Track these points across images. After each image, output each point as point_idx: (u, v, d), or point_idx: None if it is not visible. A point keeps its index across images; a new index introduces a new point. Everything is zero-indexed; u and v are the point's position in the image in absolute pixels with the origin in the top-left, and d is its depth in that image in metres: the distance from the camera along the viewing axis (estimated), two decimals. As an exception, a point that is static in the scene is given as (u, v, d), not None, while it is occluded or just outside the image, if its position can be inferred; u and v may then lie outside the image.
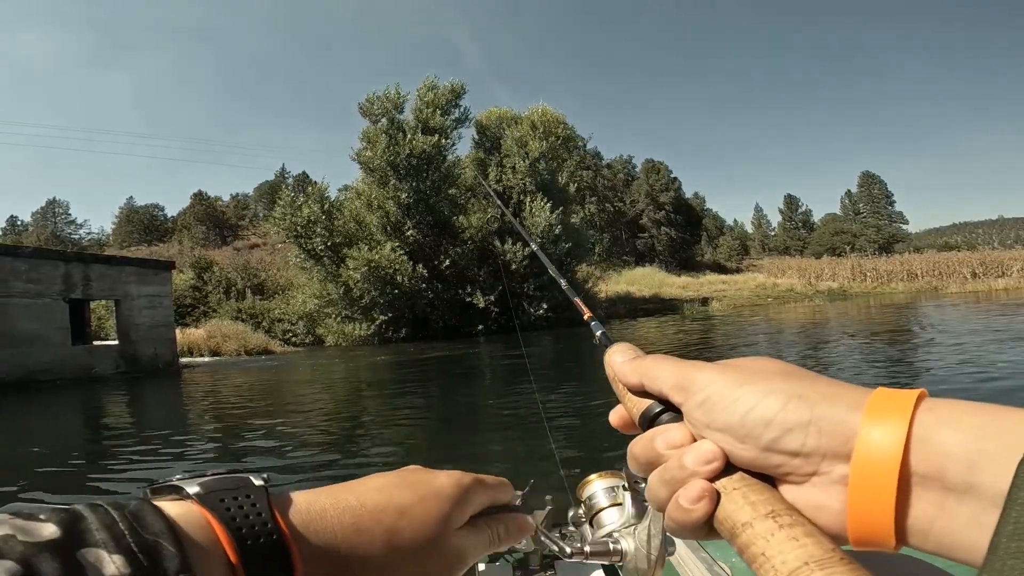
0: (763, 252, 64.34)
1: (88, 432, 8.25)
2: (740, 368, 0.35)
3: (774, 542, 0.29)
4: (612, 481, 0.56)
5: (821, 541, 0.28)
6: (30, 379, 13.65)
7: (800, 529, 0.29)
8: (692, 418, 0.35)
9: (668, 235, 53.74)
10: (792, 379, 0.33)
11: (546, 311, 25.07)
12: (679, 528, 0.34)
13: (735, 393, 0.33)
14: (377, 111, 24.61)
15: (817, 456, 0.30)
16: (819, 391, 0.31)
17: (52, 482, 5.04)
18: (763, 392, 0.32)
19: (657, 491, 0.35)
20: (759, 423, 0.32)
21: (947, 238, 71.26)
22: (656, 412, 0.37)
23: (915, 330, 14.91)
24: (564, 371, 11.50)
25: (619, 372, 0.41)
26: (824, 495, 0.30)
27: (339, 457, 5.71)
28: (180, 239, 50.42)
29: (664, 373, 0.37)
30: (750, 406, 0.32)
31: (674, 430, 0.35)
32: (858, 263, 39.60)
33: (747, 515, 0.31)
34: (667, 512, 0.35)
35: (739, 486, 0.32)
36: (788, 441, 0.31)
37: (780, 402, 0.31)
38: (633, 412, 0.40)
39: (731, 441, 0.33)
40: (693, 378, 0.35)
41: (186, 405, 10.38)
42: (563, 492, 2.68)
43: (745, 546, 0.30)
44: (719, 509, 0.32)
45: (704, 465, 0.33)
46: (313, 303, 24.61)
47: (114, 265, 16.29)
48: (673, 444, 0.35)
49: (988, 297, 25.59)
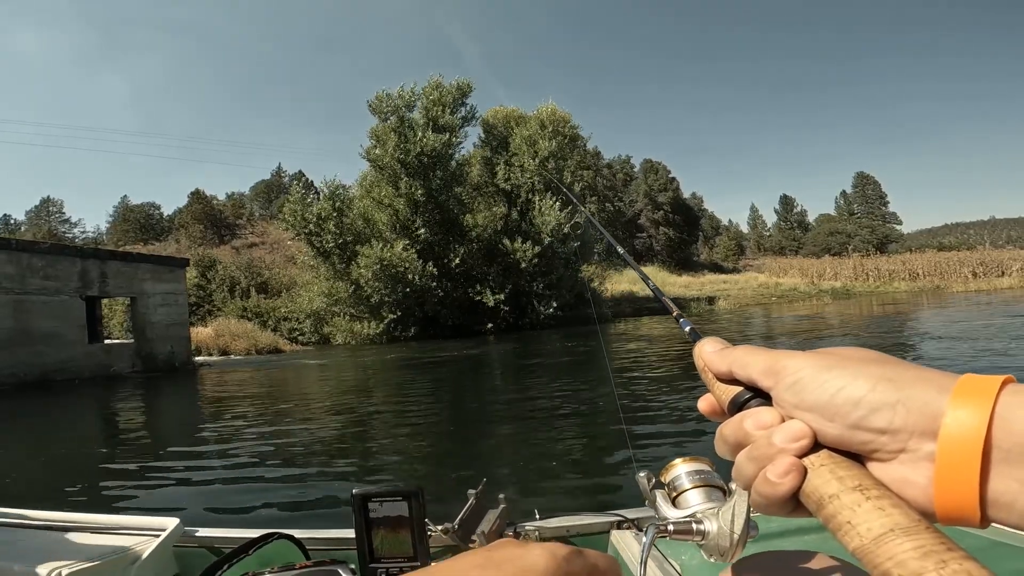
0: (759, 252, 64.74)
1: (121, 434, 8.04)
2: (831, 354, 0.36)
3: (860, 512, 0.30)
4: (696, 465, 0.57)
5: (908, 512, 0.29)
6: (48, 378, 13.44)
7: (887, 501, 0.30)
8: (782, 400, 0.36)
9: (667, 235, 53.90)
10: (883, 364, 0.34)
11: (556, 309, 25.08)
12: (765, 503, 0.36)
13: (824, 376, 0.34)
14: (387, 109, 24.50)
15: (904, 434, 0.31)
16: (908, 375, 0.33)
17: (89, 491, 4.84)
18: (853, 375, 0.34)
19: (744, 468, 0.37)
20: (848, 402, 0.33)
21: (940, 238, 72.00)
22: (746, 398, 0.39)
23: (971, 323, 14.46)
24: (589, 367, 11.47)
25: (709, 361, 0.42)
26: (911, 471, 0.31)
27: (380, 455, 5.67)
28: (178, 238, 49.94)
29: (754, 360, 0.39)
30: (840, 387, 0.33)
31: (763, 412, 0.37)
32: (860, 262, 39.96)
33: (834, 488, 0.32)
34: (754, 487, 0.36)
35: (826, 462, 0.33)
36: (876, 419, 0.32)
37: (869, 384, 0.33)
38: (722, 399, 0.41)
39: (819, 420, 0.34)
40: (784, 363, 0.37)
41: (210, 405, 10.22)
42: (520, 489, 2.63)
43: (831, 516, 0.31)
44: (806, 483, 0.34)
45: (793, 442, 0.34)
46: (321, 301, 24.46)
47: (130, 262, 16.07)
48: (763, 425, 0.36)
49: (999, 295, 25.82)
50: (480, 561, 0.37)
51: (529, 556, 0.37)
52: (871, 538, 0.29)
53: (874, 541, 0.29)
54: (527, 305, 25.18)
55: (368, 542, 0.95)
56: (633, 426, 5.81)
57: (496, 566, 0.37)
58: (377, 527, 0.95)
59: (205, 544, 1.33)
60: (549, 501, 3.82)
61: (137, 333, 16.22)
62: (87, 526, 1.36)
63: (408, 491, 0.94)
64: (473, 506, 1.10)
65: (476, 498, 1.12)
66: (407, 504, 0.94)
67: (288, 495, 4.32)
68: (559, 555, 0.38)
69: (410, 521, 0.94)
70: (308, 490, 4.42)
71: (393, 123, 24.24)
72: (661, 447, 5.03)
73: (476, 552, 0.39)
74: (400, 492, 0.94)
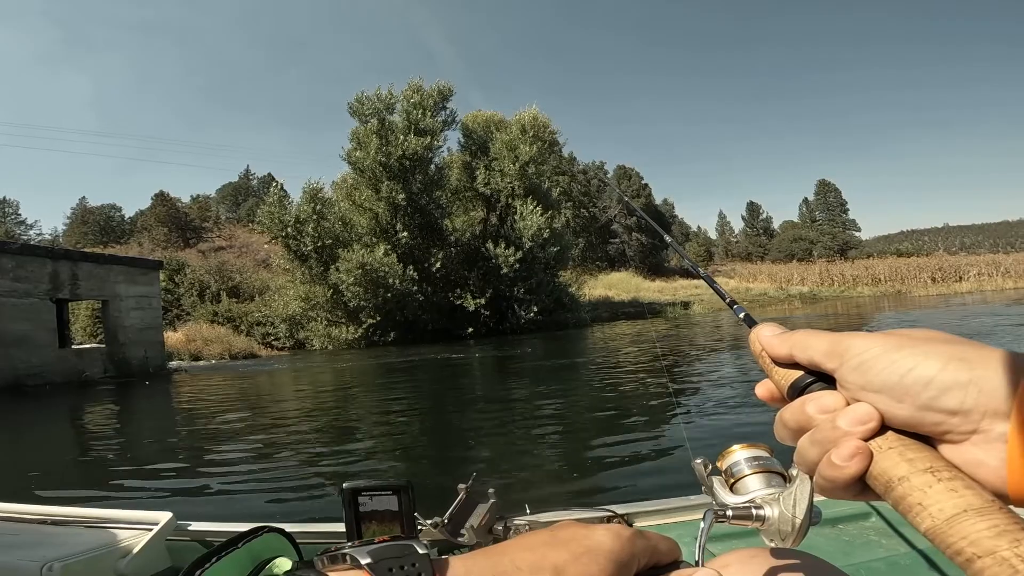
0: (726, 258, 66.18)
1: (97, 442, 7.64)
2: (898, 335, 0.35)
3: (931, 493, 0.29)
4: (754, 452, 0.56)
5: (981, 493, 0.29)
6: (20, 383, 12.80)
7: (959, 483, 0.29)
8: (846, 382, 0.35)
9: (639, 240, 54.65)
10: (952, 344, 0.33)
11: (536, 314, 25.14)
12: (830, 486, 0.34)
13: (893, 356, 0.33)
14: (368, 111, 24.23)
15: (977, 414, 0.30)
16: (979, 354, 0.31)
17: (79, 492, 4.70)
18: (923, 354, 0.32)
19: (807, 452, 0.36)
20: (918, 382, 0.31)
21: (897, 244, 74.84)
22: (808, 382, 0.38)
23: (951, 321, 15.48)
24: (571, 370, 11.55)
25: (767, 345, 0.41)
26: (984, 452, 0.30)
27: (368, 453, 5.70)
28: (140, 241, 48.32)
29: (816, 341, 0.37)
30: (910, 367, 0.32)
31: (826, 396, 0.35)
32: (826, 268, 41.29)
33: (903, 470, 0.31)
34: (818, 471, 0.35)
35: (895, 445, 0.32)
36: (947, 400, 0.31)
37: (940, 363, 0.31)
38: (781, 384, 0.40)
39: (887, 401, 0.33)
40: (848, 344, 0.35)
41: (192, 409, 9.92)
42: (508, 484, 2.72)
43: (901, 498, 0.31)
44: (873, 465, 0.32)
45: (859, 425, 0.33)
46: (297, 306, 23.97)
47: (102, 264, 15.47)
48: (826, 409, 0.35)
49: (958, 298, 26.98)
50: (547, 539, 0.38)
51: (595, 535, 0.39)
52: (943, 519, 0.28)
53: (947, 522, 0.28)
54: (507, 310, 25.17)
55: (358, 536, 0.94)
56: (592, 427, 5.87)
57: (563, 544, 0.38)
58: (367, 521, 0.94)
59: (197, 537, 1.34)
60: (539, 495, 3.86)
61: (109, 337, 15.62)
62: (80, 520, 1.37)
63: (398, 485, 0.93)
64: (463, 500, 1.10)
65: (466, 492, 1.12)
66: (397, 498, 0.93)
67: (278, 491, 4.35)
68: (624, 535, 0.40)
69: (400, 515, 0.93)
70: (297, 486, 4.45)
71: (374, 126, 23.98)
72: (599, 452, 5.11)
73: (541, 532, 0.40)
74: (390, 486, 0.93)
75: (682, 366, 10.24)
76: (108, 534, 1.27)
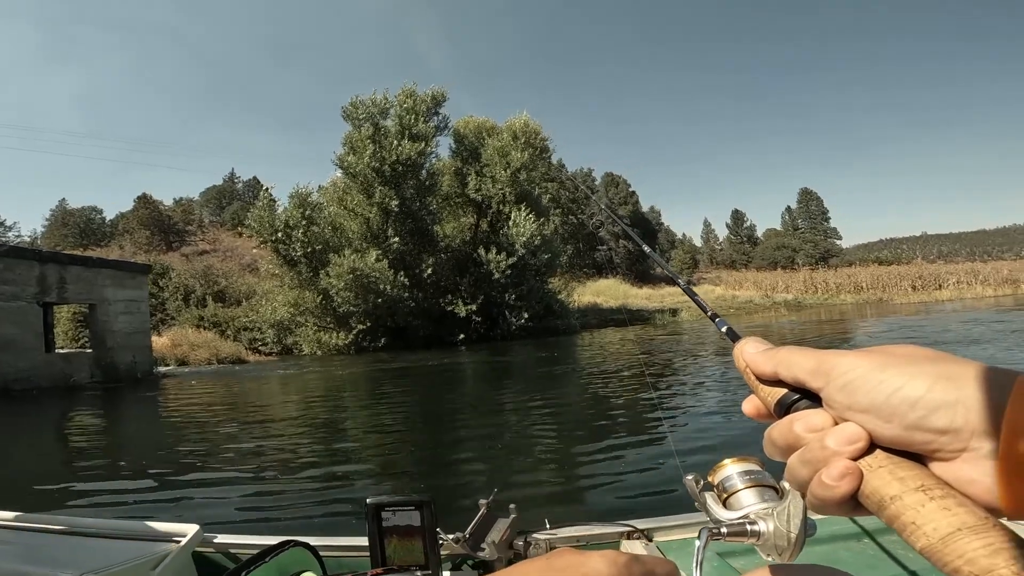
0: (711, 265, 66.83)
1: (93, 449, 7.47)
2: (884, 353, 0.34)
3: (925, 512, 0.29)
4: (745, 465, 0.56)
5: (974, 510, 0.29)
6: (6, 388, 12.50)
7: (952, 500, 0.29)
8: (833, 401, 0.35)
9: (627, 248, 55.00)
10: (938, 362, 0.33)
11: (527, 320, 25.17)
12: (822, 505, 0.34)
13: (879, 376, 0.33)
14: (362, 115, 24.12)
15: (966, 433, 0.30)
16: (965, 372, 0.31)
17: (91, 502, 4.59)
18: (909, 374, 0.32)
19: (797, 471, 0.36)
20: (905, 402, 0.31)
21: (876, 252, 76.18)
22: (793, 399, 0.38)
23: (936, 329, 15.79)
24: (570, 376, 11.60)
25: (751, 361, 0.40)
26: (974, 470, 0.30)
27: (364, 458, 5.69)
28: (121, 243, 47.48)
29: (802, 359, 0.37)
30: (896, 387, 0.32)
31: (813, 415, 0.35)
32: (809, 276, 41.92)
33: (895, 489, 0.31)
34: (810, 489, 0.35)
35: (884, 463, 0.32)
36: (936, 419, 0.31)
37: (927, 383, 0.31)
38: (768, 401, 0.40)
39: (875, 421, 0.33)
40: (834, 363, 0.35)
41: (186, 415, 9.77)
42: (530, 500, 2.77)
43: (894, 517, 0.31)
44: (864, 484, 0.33)
45: (848, 445, 0.33)
46: (286, 311, 23.72)
47: (91, 267, 15.17)
48: (813, 428, 0.35)
49: (939, 305, 27.54)
50: (541, 567, 0.38)
51: (589, 563, 0.38)
52: (938, 538, 0.28)
53: (942, 540, 0.28)
54: (498, 316, 25.16)
55: (381, 550, 0.97)
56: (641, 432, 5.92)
57: (558, 572, 0.37)
58: (390, 535, 0.96)
59: (223, 550, 1.36)
60: (559, 510, 3.87)
61: (97, 342, 15.32)
62: (109, 532, 1.39)
63: (420, 500, 0.95)
64: (484, 515, 1.12)
65: (487, 507, 1.13)
66: (419, 513, 0.95)
67: (297, 502, 4.30)
68: (619, 562, 0.39)
69: (422, 530, 0.95)
70: (317, 498, 4.41)
71: (368, 130, 23.88)
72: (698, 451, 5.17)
73: (536, 560, 0.40)
74: (412, 501, 0.96)
75: (667, 376, 10.25)
76: (137, 546, 1.29)
